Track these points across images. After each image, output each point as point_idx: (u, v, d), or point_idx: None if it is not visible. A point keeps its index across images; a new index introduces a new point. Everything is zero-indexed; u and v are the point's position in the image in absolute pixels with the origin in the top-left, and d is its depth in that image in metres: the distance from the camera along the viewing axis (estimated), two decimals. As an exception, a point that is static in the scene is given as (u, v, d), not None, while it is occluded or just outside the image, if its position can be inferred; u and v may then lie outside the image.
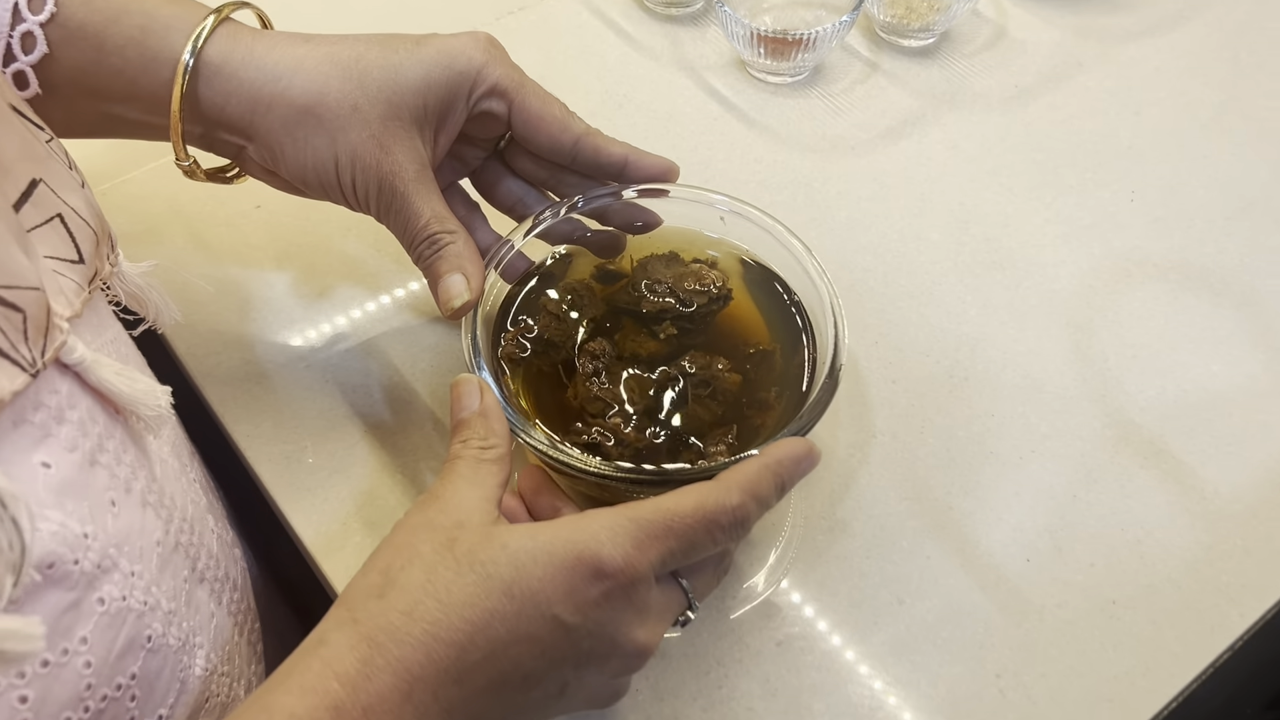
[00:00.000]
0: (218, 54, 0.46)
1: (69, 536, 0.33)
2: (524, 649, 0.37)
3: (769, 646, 0.49)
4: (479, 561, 0.37)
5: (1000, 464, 0.55)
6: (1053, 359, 0.60)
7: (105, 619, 0.35)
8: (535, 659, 0.37)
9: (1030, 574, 0.52)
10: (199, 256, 0.63)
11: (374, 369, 0.58)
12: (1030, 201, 0.68)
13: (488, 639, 0.36)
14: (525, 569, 0.37)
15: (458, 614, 0.36)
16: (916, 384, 0.58)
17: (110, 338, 0.42)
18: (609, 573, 0.37)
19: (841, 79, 0.75)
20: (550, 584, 0.37)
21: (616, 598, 0.38)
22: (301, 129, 0.47)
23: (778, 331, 0.52)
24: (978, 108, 0.73)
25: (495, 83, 0.49)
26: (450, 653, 0.36)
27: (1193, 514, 0.54)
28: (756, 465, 0.41)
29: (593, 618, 0.38)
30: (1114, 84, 0.75)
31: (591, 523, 0.38)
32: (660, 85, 0.74)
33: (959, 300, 0.62)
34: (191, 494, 0.47)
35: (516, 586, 0.37)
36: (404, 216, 0.48)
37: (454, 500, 0.40)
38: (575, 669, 0.39)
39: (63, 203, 0.38)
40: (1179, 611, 0.51)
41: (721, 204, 0.53)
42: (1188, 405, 0.58)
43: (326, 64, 0.47)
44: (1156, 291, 0.63)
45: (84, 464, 0.35)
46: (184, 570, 0.42)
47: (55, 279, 0.36)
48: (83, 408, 0.36)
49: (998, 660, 0.49)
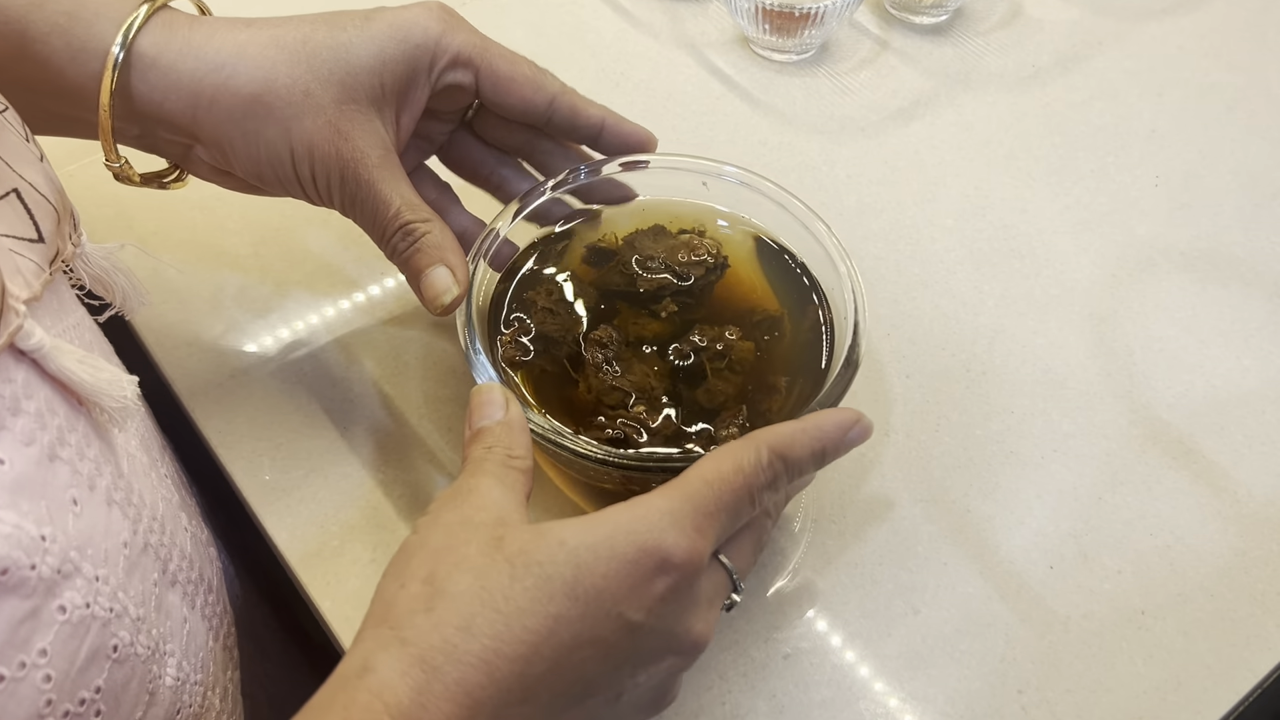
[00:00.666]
0: (152, 45, 0.42)
1: (24, 539, 0.30)
2: (589, 652, 0.33)
3: (775, 660, 0.46)
4: (535, 562, 0.33)
5: (1021, 464, 0.52)
6: (1075, 352, 0.56)
7: (67, 629, 0.31)
8: (600, 662, 0.34)
9: (1054, 582, 0.48)
10: (170, 241, 0.59)
11: (354, 363, 0.55)
12: (1048, 187, 0.64)
13: (553, 647, 0.33)
14: (587, 566, 0.33)
15: (519, 623, 0.32)
16: (931, 379, 0.55)
17: (72, 323, 0.39)
18: (676, 564, 0.34)
19: (850, 57, 0.72)
20: (614, 580, 0.33)
21: (682, 590, 0.35)
22: (250, 121, 0.43)
23: (782, 294, 0.50)
24: (992, 88, 0.70)
25: (457, 51, 0.46)
26: (514, 668, 0.32)
27: (1225, 518, 0.51)
28: (790, 426, 0.39)
29: (656, 613, 0.35)
30: (1134, 64, 0.72)
31: (649, 510, 0.35)
32: (660, 63, 0.71)
33: (975, 290, 0.59)
34: (162, 490, 0.44)
35: (580, 586, 0.33)
36: (371, 207, 0.44)
37: (489, 495, 0.36)
38: (633, 671, 0.36)
39: (19, 176, 0.35)
40: (1212, 622, 0.47)
41: (730, 174, 0.51)
42: (1218, 402, 0.55)
43: (272, 48, 0.43)
44: (1183, 282, 0.60)
45: (42, 459, 0.32)
46: (154, 573, 0.39)
47: (11, 258, 0.33)
48: (40, 398, 0.33)
49: (1020, 675, 0.46)
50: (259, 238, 0.60)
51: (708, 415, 0.45)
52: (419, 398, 0.54)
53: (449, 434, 0.52)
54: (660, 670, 0.37)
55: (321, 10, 0.46)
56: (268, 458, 0.51)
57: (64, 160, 0.62)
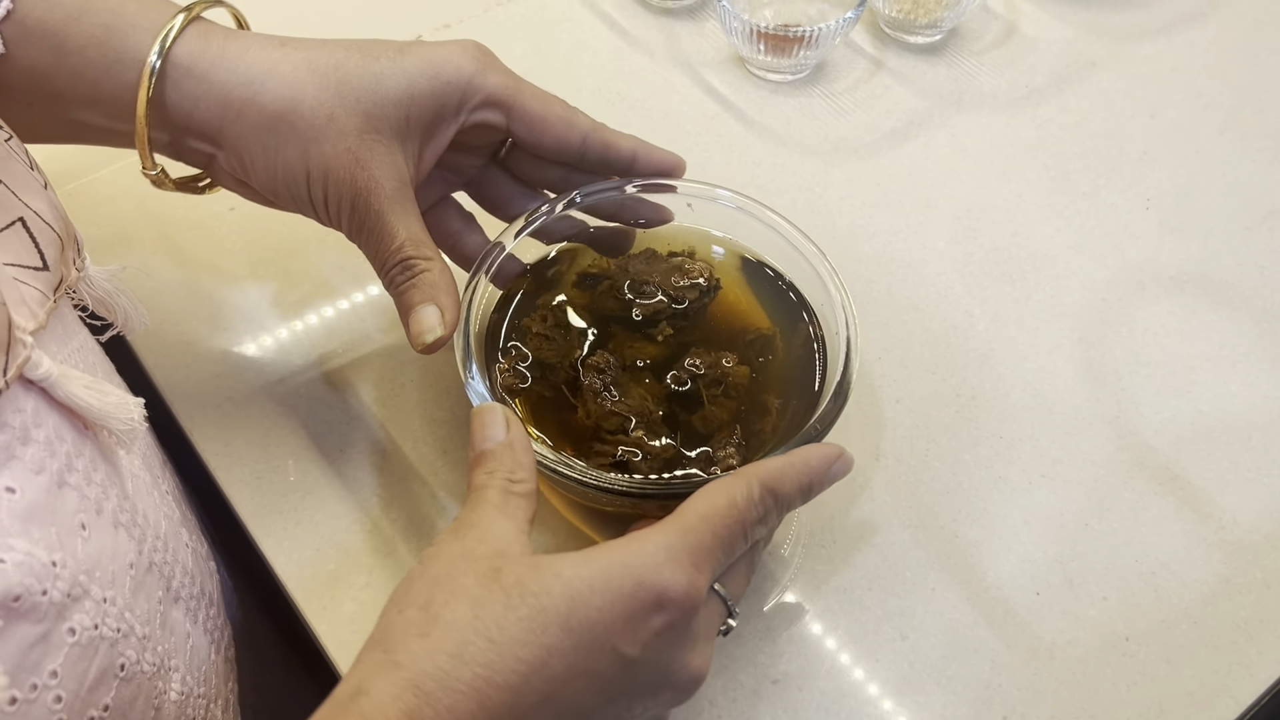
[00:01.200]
0: (186, 55, 0.43)
1: (35, 566, 0.31)
2: (582, 684, 0.34)
3: (764, 685, 0.47)
4: (530, 593, 0.34)
5: (1009, 490, 0.53)
6: (1063, 377, 0.57)
7: (76, 650, 0.32)
8: (594, 694, 0.34)
9: (1040, 608, 0.49)
10: (169, 261, 0.60)
11: (351, 386, 0.55)
12: (1040, 209, 0.65)
13: (545, 679, 0.33)
14: (582, 598, 0.34)
15: (511, 653, 0.33)
16: (921, 403, 0.56)
17: (76, 345, 0.39)
18: (673, 599, 0.35)
19: (844, 77, 0.72)
20: (609, 614, 0.34)
21: (679, 626, 0.36)
22: (273, 137, 0.44)
23: (773, 313, 0.51)
24: (986, 108, 0.70)
25: (490, 92, 0.46)
26: (505, 697, 0.32)
27: (1210, 544, 0.51)
28: (780, 461, 0.40)
29: (653, 647, 0.35)
30: (1128, 85, 0.72)
31: (646, 545, 0.36)
32: (655, 82, 0.71)
33: (966, 314, 0.59)
34: (164, 508, 0.45)
35: (574, 618, 0.34)
36: (376, 237, 0.45)
37: (491, 529, 0.37)
38: (629, 703, 0.36)
39: (24, 205, 0.35)
40: (1195, 649, 0.48)
41: (725, 198, 0.52)
42: (1205, 428, 0.55)
43: (303, 70, 0.44)
44: (1172, 306, 0.60)
45: (51, 486, 0.33)
46: (158, 591, 0.40)
47: (16, 288, 0.33)
48: (49, 425, 0.34)
49: (1005, 701, 0.46)
50: (257, 258, 0.60)
51: (703, 439, 0.46)
52: (416, 420, 0.54)
53: (446, 457, 0.53)
54: (660, 701, 0.37)
55: (358, 29, 0.46)
56: (265, 480, 0.52)
57: (64, 179, 0.63)
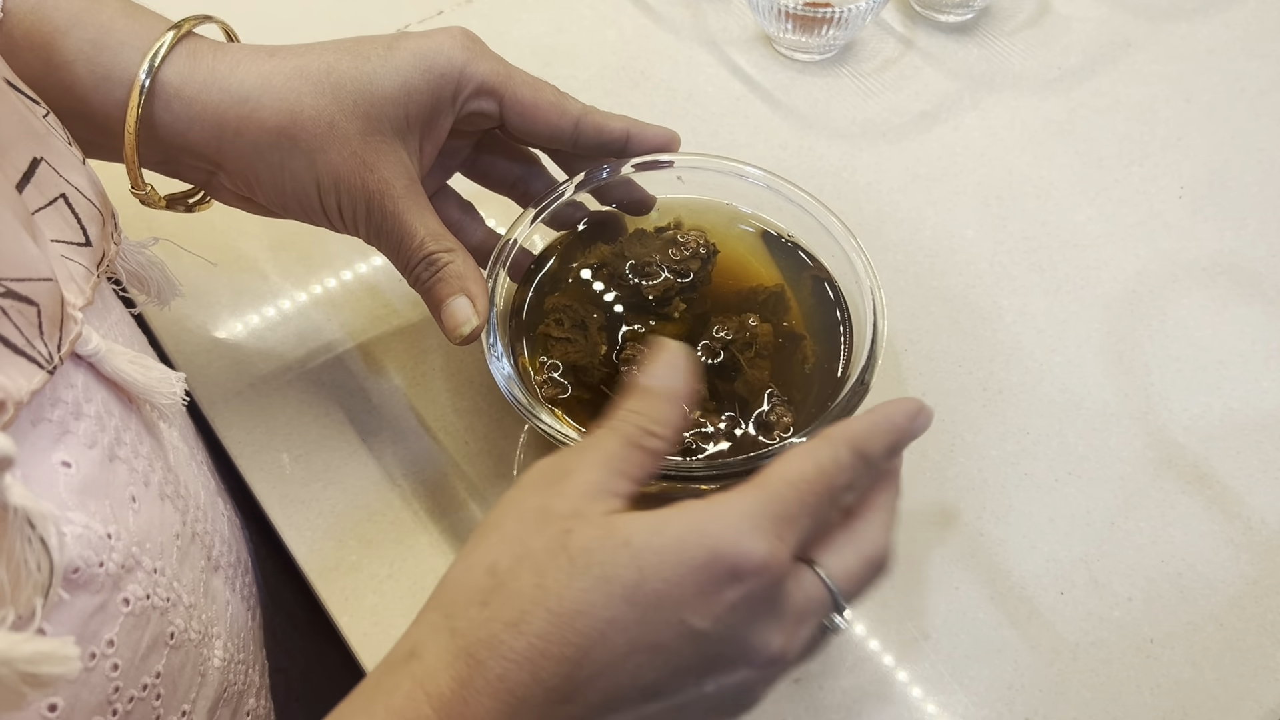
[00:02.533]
0: (176, 74, 0.42)
1: (93, 539, 0.31)
2: (645, 659, 0.32)
3: (785, 684, 0.46)
4: (596, 562, 0.32)
5: (1034, 487, 0.52)
6: (1092, 371, 0.56)
7: (130, 620, 0.33)
8: (657, 670, 0.32)
9: (1064, 609, 0.49)
10: (190, 245, 0.59)
11: (375, 372, 0.55)
12: (1072, 196, 0.64)
13: (605, 651, 0.31)
14: (651, 569, 0.31)
15: (569, 625, 0.31)
16: (947, 396, 0.55)
17: (114, 320, 0.40)
18: (751, 569, 0.32)
19: (873, 57, 0.71)
20: (679, 587, 0.32)
21: (758, 598, 0.33)
22: (275, 153, 0.43)
23: (777, 266, 0.52)
24: (1018, 91, 0.69)
25: (481, 81, 0.45)
26: (560, 669, 0.31)
27: (1237, 545, 0.51)
28: (864, 421, 0.37)
29: (726, 621, 0.32)
30: (1163, 67, 0.70)
31: (727, 512, 0.33)
32: (680, 61, 0.70)
33: (994, 305, 0.59)
34: (202, 478, 0.45)
35: (640, 592, 0.31)
36: (396, 237, 0.44)
37: (580, 482, 0.34)
38: (699, 680, 0.33)
39: (65, 182, 0.35)
40: (1221, 652, 0.48)
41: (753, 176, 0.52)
42: (1234, 425, 0.55)
43: (296, 79, 0.43)
44: (1204, 299, 0.59)
45: (103, 460, 0.33)
46: (200, 560, 0.41)
47: (64, 265, 0.34)
48: (98, 400, 0.34)
49: (1027, 703, 0.46)
50: (278, 242, 0.60)
51: (747, 404, 0.47)
52: (441, 408, 0.54)
53: (471, 445, 0.53)
54: (731, 683, 0.34)
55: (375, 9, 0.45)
56: (288, 470, 0.52)
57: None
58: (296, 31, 0.65)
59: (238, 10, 0.51)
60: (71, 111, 0.42)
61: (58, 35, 0.41)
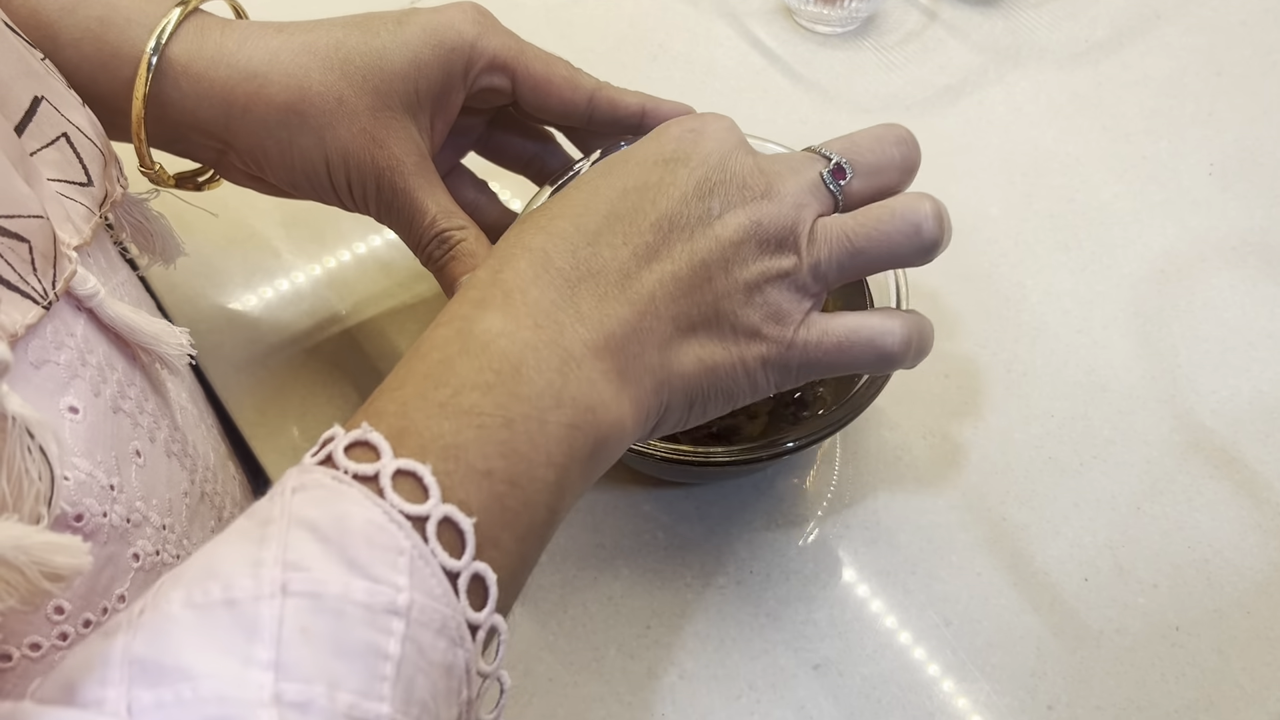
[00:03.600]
0: (184, 52, 0.41)
1: (95, 488, 0.31)
2: (638, 197, 0.37)
3: (805, 670, 0.46)
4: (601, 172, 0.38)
5: (1059, 471, 0.51)
6: (1118, 353, 0.55)
7: (141, 575, 0.33)
8: (654, 202, 0.37)
9: (1088, 595, 0.48)
10: (199, 217, 0.59)
11: (390, 351, 0.54)
12: (1098, 172, 0.62)
13: (599, 200, 0.37)
14: (620, 154, 0.39)
15: (564, 201, 0.37)
16: (970, 379, 0.54)
17: (120, 280, 0.39)
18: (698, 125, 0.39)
19: (896, 29, 0.69)
20: (643, 150, 0.38)
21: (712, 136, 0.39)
22: (284, 130, 0.42)
23: None
24: (1044, 64, 0.67)
25: (493, 55, 0.44)
26: (568, 221, 0.36)
27: (1266, 531, 0.50)
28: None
29: (696, 153, 0.38)
30: (1194, 39, 0.69)
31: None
32: (698, 33, 0.69)
33: (1018, 285, 0.57)
34: (211, 440, 0.45)
35: (614, 164, 0.38)
36: (407, 215, 0.44)
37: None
38: (702, 201, 0.37)
39: (67, 121, 0.35)
40: (1248, 640, 0.47)
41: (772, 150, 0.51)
42: (1264, 408, 0.53)
43: (304, 55, 0.42)
44: (1233, 278, 0.58)
45: (107, 411, 0.33)
46: (211, 521, 0.41)
47: (61, 204, 0.33)
48: (100, 352, 0.34)
49: (1050, 691, 0.46)
50: (291, 218, 0.59)
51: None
52: (452, 389, 0.53)
53: (481, 428, 0.52)
54: (740, 214, 0.37)
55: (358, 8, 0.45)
56: (301, 450, 0.51)
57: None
58: (306, 5, 0.64)
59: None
60: (78, 90, 0.41)
61: (63, 14, 0.40)
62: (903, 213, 0.39)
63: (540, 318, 0.33)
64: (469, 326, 0.33)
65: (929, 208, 0.38)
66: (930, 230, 0.38)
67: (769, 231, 0.37)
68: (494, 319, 0.33)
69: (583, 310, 0.34)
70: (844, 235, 0.38)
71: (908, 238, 0.38)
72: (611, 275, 0.35)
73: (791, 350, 0.38)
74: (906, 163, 0.41)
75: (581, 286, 0.35)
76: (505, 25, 0.46)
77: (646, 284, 0.36)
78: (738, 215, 0.37)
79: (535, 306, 0.34)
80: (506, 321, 0.33)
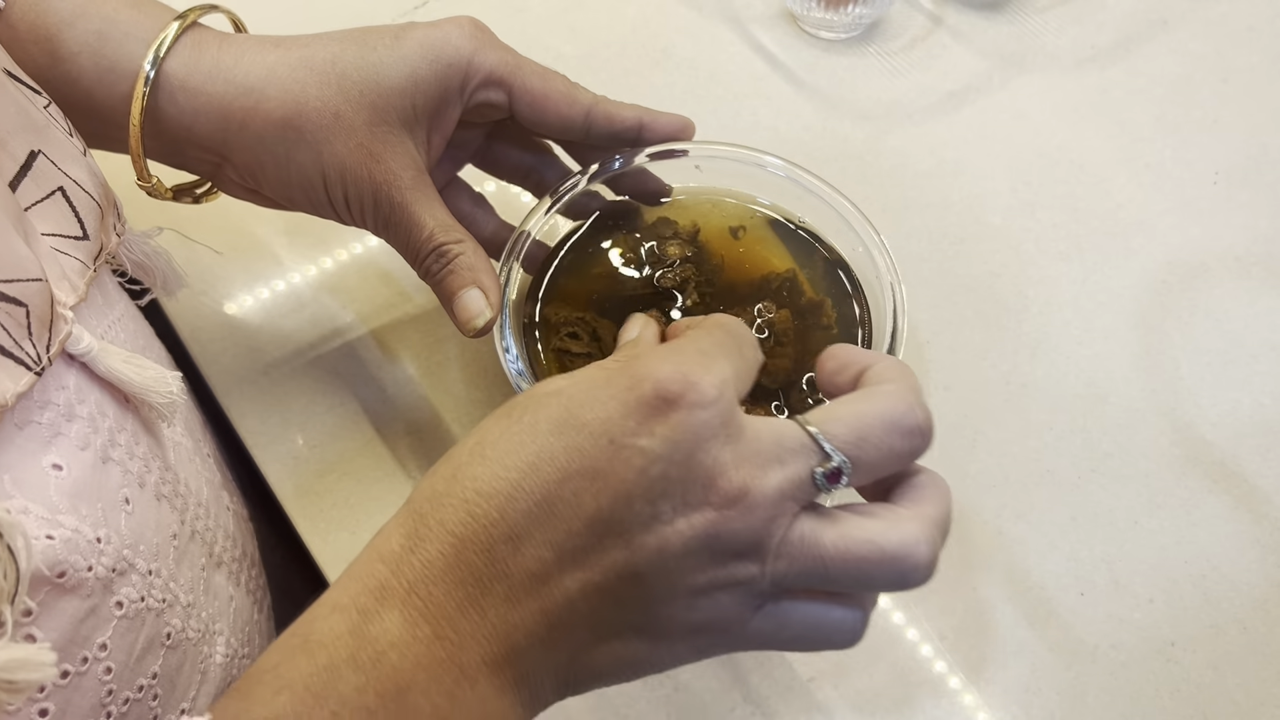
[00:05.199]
0: (181, 66, 0.42)
1: (81, 543, 0.31)
2: (580, 485, 0.31)
3: (798, 683, 0.46)
4: (528, 410, 0.32)
5: (1057, 484, 0.51)
6: (1119, 365, 0.55)
7: (124, 623, 0.33)
8: (597, 495, 0.31)
9: (1084, 609, 0.48)
10: (204, 229, 0.59)
11: (389, 361, 0.55)
12: (1102, 182, 0.62)
13: (536, 483, 0.31)
14: (578, 402, 0.32)
15: (501, 464, 0.31)
16: (970, 391, 0.54)
17: (116, 316, 0.39)
18: (680, 391, 0.31)
19: (901, 35, 0.69)
20: (605, 410, 0.31)
21: (700, 423, 0.31)
22: (281, 145, 0.42)
23: (793, 256, 0.51)
24: (1049, 70, 0.67)
25: (490, 71, 0.44)
26: (495, 504, 0.31)
27: (1263, 546, 0.50)
28: None
29: (660, 435, 0.31)
30: (1200, 46, 0.68)
31: (656, 349, 0.34)
32: (702, 39, 0.69)
33: (1020, 296, 0.57)
34: (206, 473, 0.45)
35: (567, 423, 0.31)
36: (404, 229, 0.44)
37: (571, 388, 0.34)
38: (652, 507, 0.31)
39: (64, 175, 0.35)
40: (1243, 656, 0.47)
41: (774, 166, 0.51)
42: (1263, 422, 0.53)
43: (301, 70, 0.42)
44: (1235, 289, 0.58)
45: (96, 463, 0.33)
46: (201, 559, 0.41)
47: (56, 260, 0.33)
48: (92, 401, 0.34)
49: (1044, 706, 0.46)
50: (293, 227, 0.59)
51: (772, 393, 0.46)
52: (456, 398, 0.54)
53: (481, 438, 0.52)
54: (695, 521, 0.31)
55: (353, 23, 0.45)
56: (303, 460, 0.52)
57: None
58: (309, 8, 0.64)
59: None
60: (77, 104, 0.42)
61: (63, 27, 0.41)
62: (892, 556, 0.32)
63: (441, 625, 0.31)
64: (365, 625, 0.30)
65: (923, 555, 0.32)
66: (916, 580, 0.33)
67: (727, 545, 0.32)
68: (392, 620, 0.30)
69: (488, 617, 0.31)
70: (819, 557, 0.32)
71: (889, 581, 0.33)
72: (527, 578, 0.31)
73: (737, 643, 0.34)
74: (914, 455, 0.34)
75: (493, 587, 0.31)
76: (511, 31, 0.46)
77: (566, 591, 0.31)
78: (693, 523, 0.31)
79: (439, 610, 0.31)
80: (404, 628, 0.30)
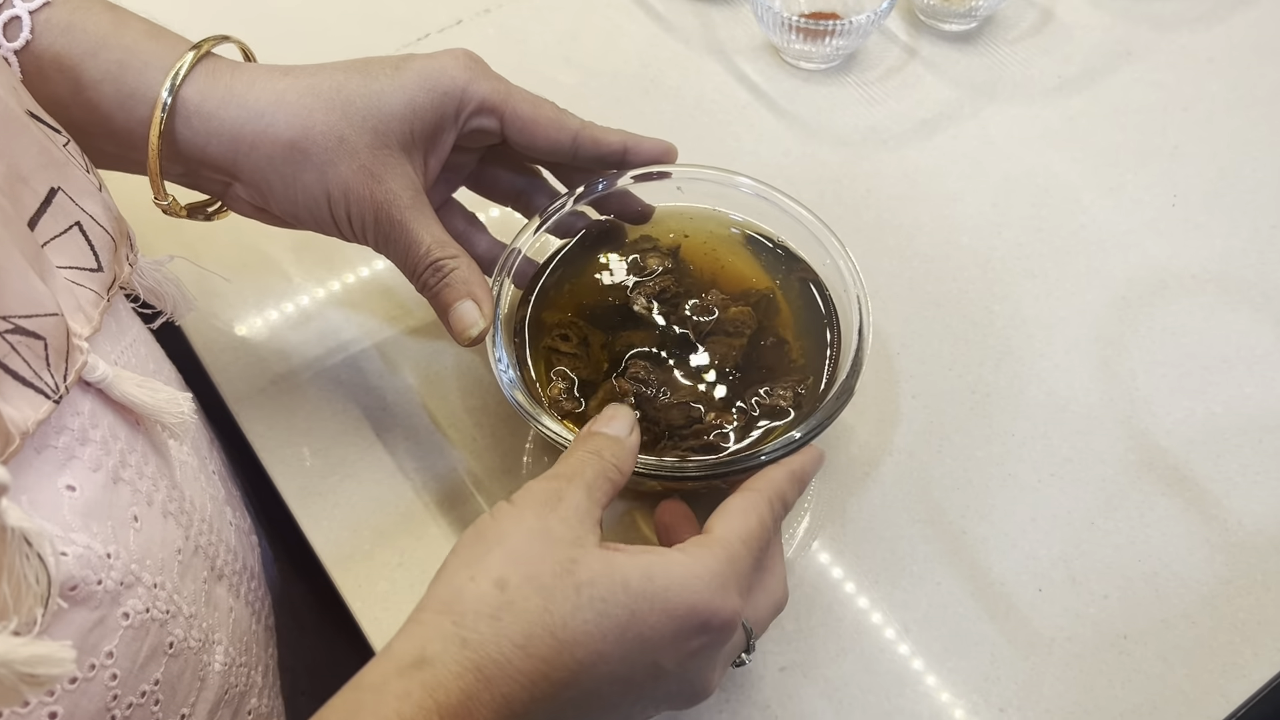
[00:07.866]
0: (196, 93, 0.45)
1: (92, 559, 0.34)
2: (618, 687, 0.38)
3: (771, 672, 0.49)
4: (598, 598, 0.37)
5: (1018, 487, 0.54)
6: (1079, 376, 0.58)
7: (130, 632, 0.36)
8: (622, 694, 0.38)
9: (1041, 605, 0.51)
10: (215, 246, 0.63)
11: (390, 371, 0.58)
12: (1066, 204, 0.66)
13: (590, 678, 0.36)
14: (641, 615, 0.37)
15: (569, 654, 0.36)
16: (937, 399, 0.57)
17: (130, 340, 0.42)
18: (717, 625, 0.39)
19: (877, 65, 0.73)
20: (660, 631, 0.37)
21: (714, 647, 0.40)
22: (289, 166, 0.46)
23: (768, 272, 0.55)
24: (1017, 99, 0.71)
25: (482, 99, 0.48)
26: (552, 690, 0.36)
27: (1213, 546, 0.53)
28: (782, 473, 0.45)
29: (684, 664, 0.39)
30: (1162, 76, 0.72)
31: (702, 570, 0.39)
32: (689, 69, 0.72)
33: (986, 310, 0.61)
34: (210, 489, 0.48)
35: (630, 631, 0.37)
36: (403, 246, 0.47)
37: (575, 507, 0.39)
38: (645, 704, 0.40)
39: (81, 210, 0.38)
40: (1191, 649, 0.50)
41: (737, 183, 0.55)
42: (1216, 429, 0.56)
43: (308, 96, 0.46)
44: (1192, 306, 0.61)
45: (107, 482, 0.36)
46: (203, 572, 0.43)
47: (72, 293, 0.36)
48: (105, 424, 0.36)
49: (1002, 694, 0.49)
50: (301, 244, 0.63)
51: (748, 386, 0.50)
52: (453, 406, 0.57)
53: (479, 442, 0.56)
54: (670, 703, 0.41)
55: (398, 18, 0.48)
56: (306, 462, 0.55)
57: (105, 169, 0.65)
58: (317, 39, 0.68)
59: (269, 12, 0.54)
60: (98, 128, 0.45)
61: (86, 57, 0.44)
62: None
63: None
64: None
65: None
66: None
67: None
68: None
69: None
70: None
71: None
72: None
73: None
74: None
75: None
76: (510, 61, 0.50)
77: None
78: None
79: None
80: None
